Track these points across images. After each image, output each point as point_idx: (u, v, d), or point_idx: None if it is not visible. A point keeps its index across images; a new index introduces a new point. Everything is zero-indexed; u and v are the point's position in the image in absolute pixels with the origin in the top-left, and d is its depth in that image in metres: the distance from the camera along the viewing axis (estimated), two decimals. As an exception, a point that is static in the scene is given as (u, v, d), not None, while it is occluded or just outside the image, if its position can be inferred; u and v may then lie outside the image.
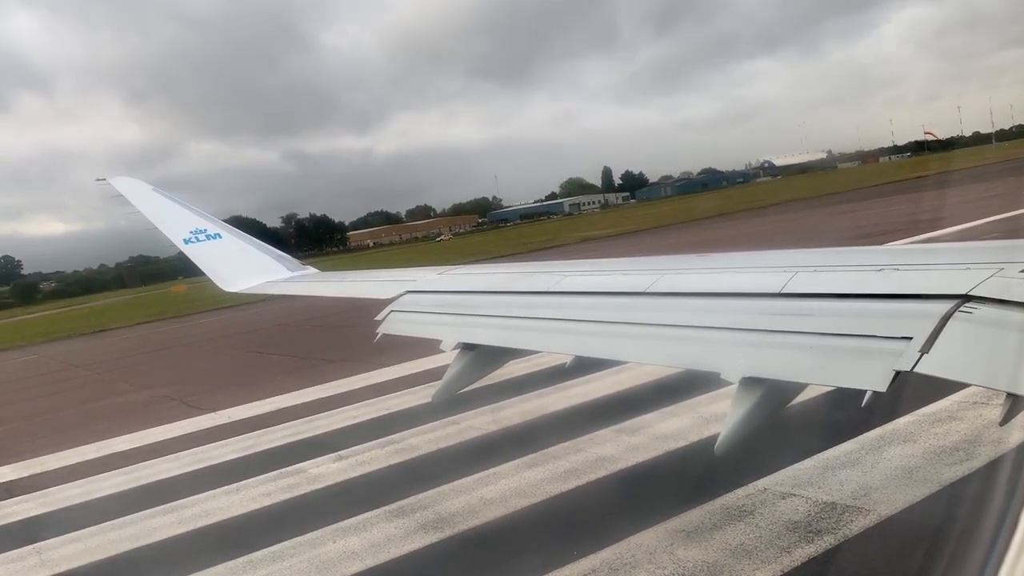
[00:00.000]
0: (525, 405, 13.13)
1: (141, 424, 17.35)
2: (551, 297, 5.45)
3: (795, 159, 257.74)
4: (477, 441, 11.78)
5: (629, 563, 7.00)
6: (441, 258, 69.30)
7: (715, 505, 7.94)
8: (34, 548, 10.21)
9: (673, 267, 5.03)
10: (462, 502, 9.28)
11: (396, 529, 8.80)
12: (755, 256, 4.77)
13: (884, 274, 3.62)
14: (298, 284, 9.66)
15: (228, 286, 10.03)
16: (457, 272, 7.38)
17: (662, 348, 4.35)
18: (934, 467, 7.95)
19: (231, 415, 16.79)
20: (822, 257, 4.30)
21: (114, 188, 10.53)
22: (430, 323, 6.40)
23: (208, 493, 11.30)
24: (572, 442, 10.72)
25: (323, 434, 13.81)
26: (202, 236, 10.26)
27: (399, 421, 13.50)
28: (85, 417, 20.52)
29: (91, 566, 9.33)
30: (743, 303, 4.04)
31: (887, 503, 7.35)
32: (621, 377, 13.46)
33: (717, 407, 10.77)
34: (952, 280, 3.23)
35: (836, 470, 8.31)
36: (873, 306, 3.43)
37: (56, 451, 16.12)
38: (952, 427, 8.95)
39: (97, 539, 10.17)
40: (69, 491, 12.87)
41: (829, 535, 6.91)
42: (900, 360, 3.02)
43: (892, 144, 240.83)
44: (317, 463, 11.96)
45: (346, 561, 8.17)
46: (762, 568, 6.52)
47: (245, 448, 13.75)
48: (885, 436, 9.00)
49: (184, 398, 20.22)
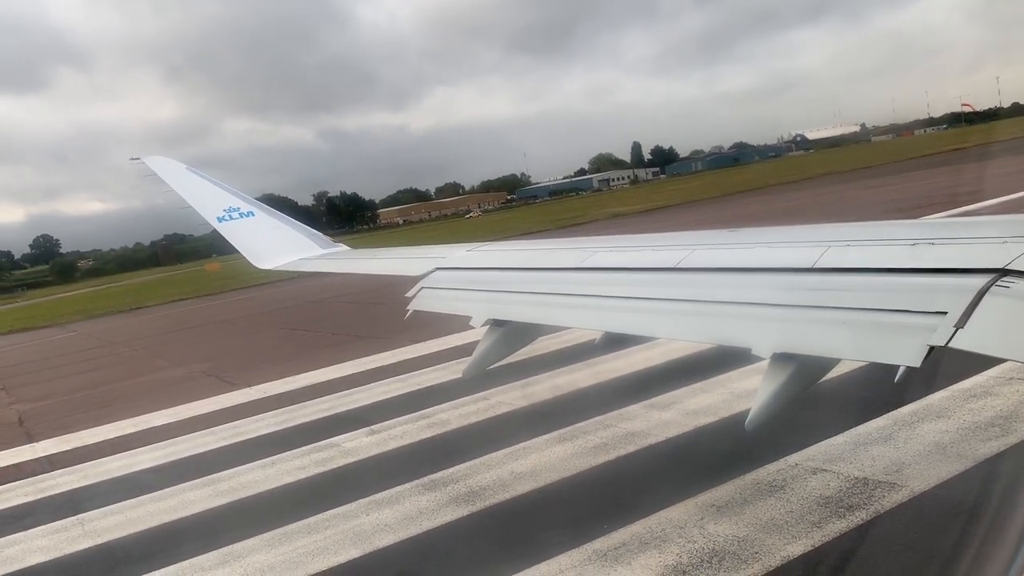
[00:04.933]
0: (555, 381, 13.17)
1: (178, 399, 17.70)
2: (580, 273, 5.46)
3: (828, 132, 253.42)
4: (507, 416, 11.85)
5: (659, 537, 7.03)
6: (470, 235, 69.32)
7: (745, 480, 7.94)
8: (77, 519, 10.50)
9: (703, 242, 5.00)
10: (493, 476, 9.37)
11: (428, 502, 8.92)
12: (787, 231, 4.73)
13: (918, 248, 3.57)
14: (329, 261, 9.75)
15: (261, 263, 10.16)
16: (486, 249, 7.40)
17: (692, 324, 4.34)
18: (968, 443, 7.86)
19: (266, 390, 17.06)
20: (855, 231, 4.25)
21: (148, 167, 10.67)
22: (460, 300, 6.43)
23: (244, 467, 11.52)
24: (602, 417, 10.75)
25: (356, 408, 13.98)
26: (235, 214, 10.38)
27: (430, 396, 13.63)
28: (123, 393, 20.96)
29: (132, 537, 9.57)
30: (774, 278, 4.01)
31: (920, 479, 7.29)
32: (651, 353, 13.44)
33: (748, 383, 10.72)
34: (988, 254, 3.18)
35: (868, 446, 8.25)
36: (907, 280, 3.39)
37: (96, 426, 16.52)
38: (987, 403, 8.83)
39: (137, 511, 10.43)
40: (109, 464, 13.20)
41: (861, 510, 6.88)
42: (934, 335, 2.99)
43: (928, 116, 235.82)
44: (350, 437, 12.13)
45: (379, 533, 8.30)
46: (793, 543, 6.52)
47: (279, 423, 13.98)
48: (919, 412, 8.91)
49: (219, 374, 20.56)
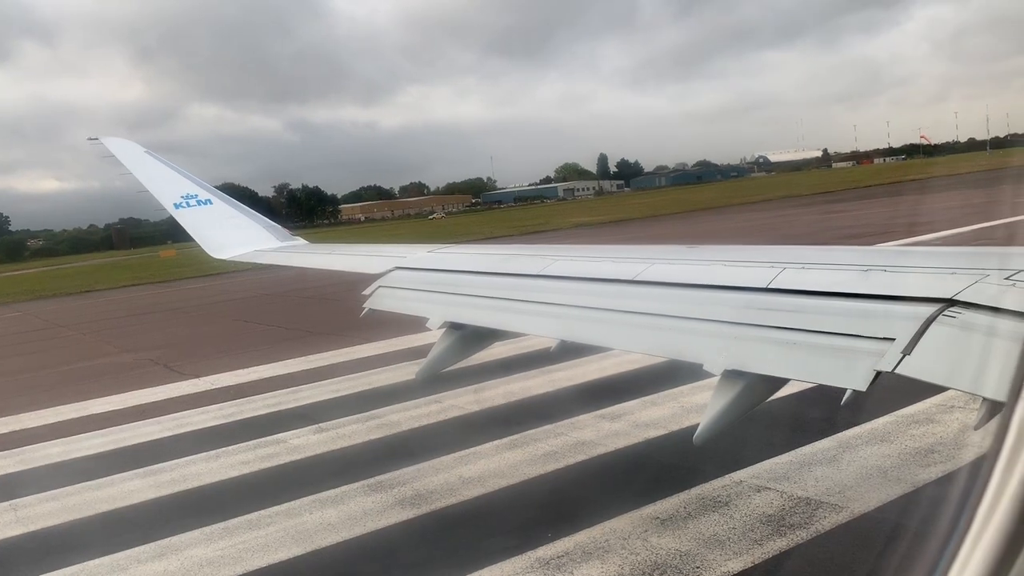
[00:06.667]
0: (508, 387, 13.17)
1: (123, 386, 17.30)
2: (539, 281, 5.47)
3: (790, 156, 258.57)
4: (458, 420, 11.81)
5: (603, 547, 7.06)
6: (432, 236, 69.10)
7: (690, 495, 8.01)
8: (10, 505, 10.19)
9: (662, 257, 5.04)
10: (440, 480, 9.32)
11: (373, 503, 8.84)
12: (743, 250, 4.79)
13: (871, 274, 3.64)
14: (287, 255, 9.64)
15: (217, 253, 10.01)
16: (447, 251, 7.38)
17: (647, 337, 4.37)
18: (909, 468, 8.04)
19: (213, 382, 16.77)
20: (810, 254, 4.33)
21: (106, 148, 10.44)
22: (417, 300, 6.40)
23: (187, 458, 11.29)
24: (553, 425, 10.77)
25: (305, 405, 13.81)
26: (193, 201, 10.21)
27: (381, 396, 13.51)
28: (67, 377, 20.43)
29: (67, 525, 9.31)
30: (729, 296, 4.06)
31: (860, 501, 7.43)
32: (605, 364, 13.51)
33: (698, 398, 10.84)
34: (938, 284, 3.25)
35: (812, 466, 8.39)
36: (858, 305, 3.45)
37: (37, 409, 16.06)
38: (929, 429, 9.04)
39: (74, 499, 10.16)
40: (48, 449, 12.83)
41: (802, 529, 6.98)
42: (882, 360, 3.05)
43: (888, 146, 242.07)
44: (297, 434, 11.97)
45: (322, 532, 8.20)
46: (734, 559, 6.59)
47: (226, 415, 13.74)
48: (862, 435, 9.09)
49: (167, 363, 20.16)
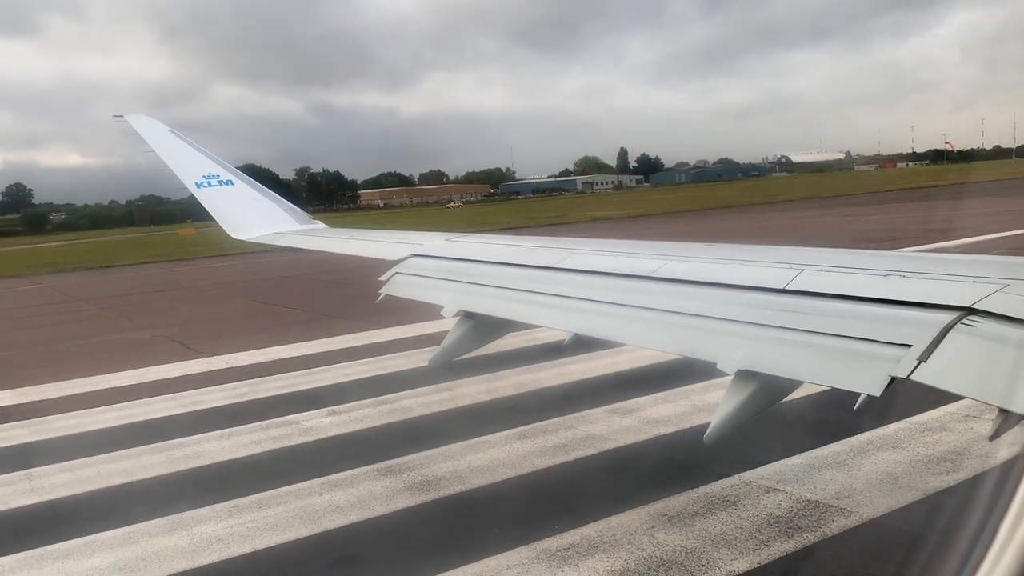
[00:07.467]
0: (520, 378, 13.19)
1: (140, 362, 17.47)
2: (555, 273, 5.46)
3: (813, 157, 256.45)
4: (469, 409, 11.85)
5: (609, 541, 7.07)
6: (450, 225, 69.15)
7: (699, 493, 8.01)
8: (25, 474, 10.33)
9: (679, 254, 5.03)
10: (450, 467, 9.37)
11: (383, 487, 8.90)
12: (762, 250, 4.77)
13: (890, 279, 3.61)
14: (305, 238, 9.68)
15: (236, 233, 10.07)
16: (464, 240, 7.39)
17: (661, 333, 4.37)
18: (920, 475, 8.00)
19: (229, 361, 16.91)
20: (829, 257, 4.30)
21: (130, 126, 10.51)
22: (433, 288, 6.42)
23: (200, 436, 11.41)
24: (563, 418, 10.79)
25: (319, 388, 13.90)
26: (214, 181, 10.27)
27: (394, 382, 13.58)
28: (85, 350, 20.65)
29: (80, 496, 9.44)
30: (746, 296, 4.04)
31: (870, 506, 7.40)
32: (618, 359, 13.50)
33: (710, 396, 10.81)
34: (957, 292, 3.23)
35: (822, 469, 8.36)
36: (876, 310, 3.43)
37: (54, 381, 16.26)
38: (941, 437, 8.98)
39: (88, 471, 10.29)
40: (64, 421, 13.00)
41: (809, 532, 6.97)
42: (897, 366, 3.03)
43: (911, 151, 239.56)
44: (310, 416, 12.06)
45: (331, 514, 8.27)
46: (740, 559, 6.59)
47: (240, 395, 13.86)
48: (874, 440, 9.04)
49: (184, 340, 20.33)
